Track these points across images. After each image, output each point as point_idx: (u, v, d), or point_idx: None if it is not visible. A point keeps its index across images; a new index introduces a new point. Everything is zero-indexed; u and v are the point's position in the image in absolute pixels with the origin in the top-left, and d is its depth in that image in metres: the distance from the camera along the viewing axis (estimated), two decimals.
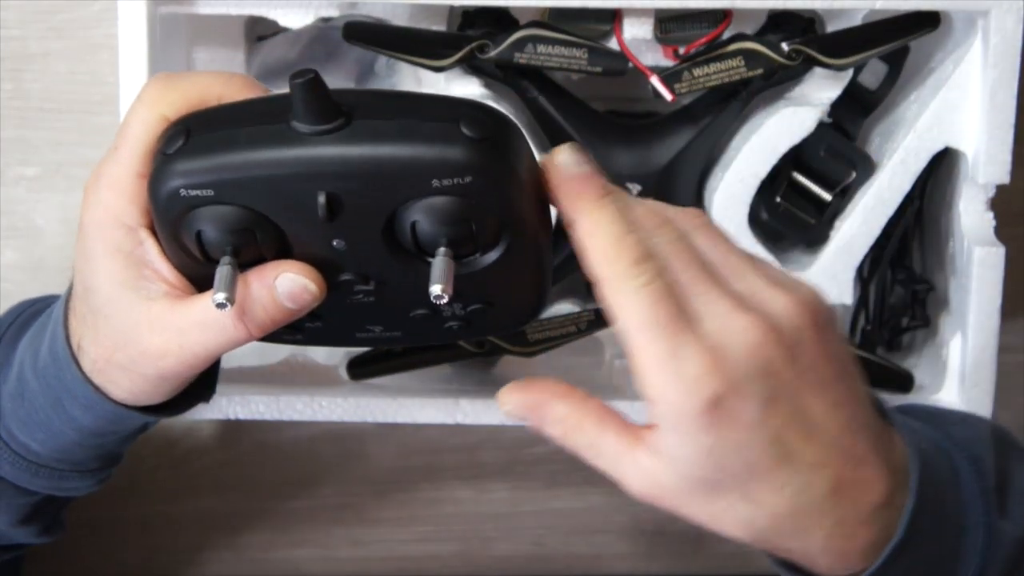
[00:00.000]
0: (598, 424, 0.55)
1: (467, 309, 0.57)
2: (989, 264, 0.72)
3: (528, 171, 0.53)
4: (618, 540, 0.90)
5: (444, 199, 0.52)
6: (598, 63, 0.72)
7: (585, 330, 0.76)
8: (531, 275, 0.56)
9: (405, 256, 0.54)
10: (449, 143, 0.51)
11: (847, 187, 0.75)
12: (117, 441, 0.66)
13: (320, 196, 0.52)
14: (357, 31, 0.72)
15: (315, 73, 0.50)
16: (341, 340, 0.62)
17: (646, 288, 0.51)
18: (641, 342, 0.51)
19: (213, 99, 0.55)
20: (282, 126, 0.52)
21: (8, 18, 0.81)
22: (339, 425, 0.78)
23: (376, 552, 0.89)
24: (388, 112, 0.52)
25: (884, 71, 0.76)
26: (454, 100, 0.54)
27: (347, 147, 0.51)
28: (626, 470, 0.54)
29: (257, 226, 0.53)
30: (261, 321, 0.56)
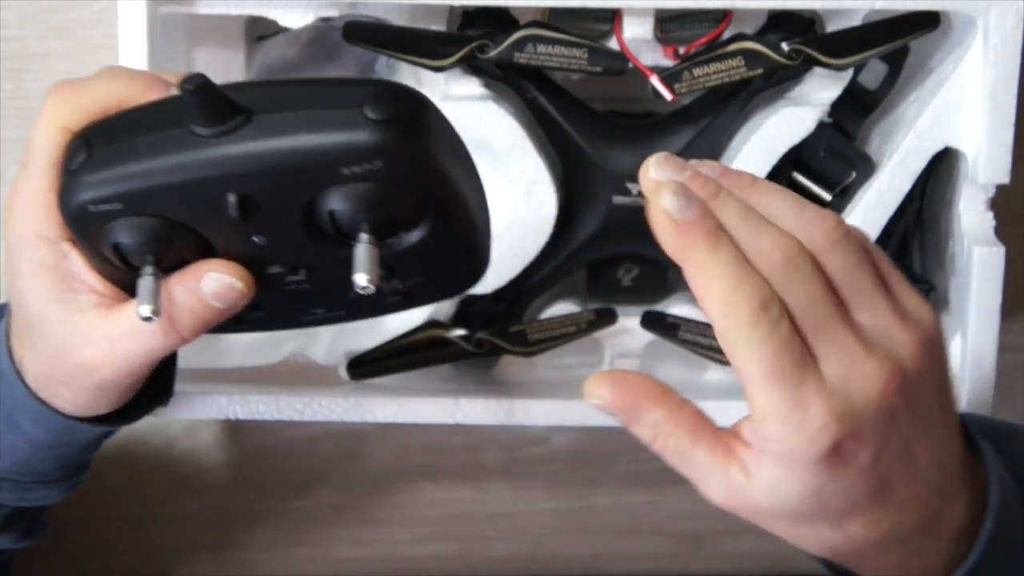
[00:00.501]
0: (692, 434, 0.54)
1: (406, 283, 0.56)
2: (989, 264, 0.72)
3: (443, 145, 0.52)
4: (618, 540, 0.90)
5: (358, 185, 0.51)
6: (598, 63, 0.72)
7: (585, 330, 0.76)
8: (465, 243, 0.56)
9: (330, 244, 0.53)
10: (353, 129, 0.50)
11: (847, 187, 0.75)
12: (76, 451, 0.65)
13: (230, 197, 0.51)
14: (357, 31, 0.72)
15: (204, 79, 0.50)
16: (286, 325, 0.62)
17: (768, 339, 0.49)
18: (762, 393, 0.50)
19: (113, 105, 0.54)
20: (182, 131, 0.51)
21: (8, 18, 0.80)
22: (339, 425, 0.78)
23: (376, 552, 0.89)
24: (289, 104, 0.51)
25: (884, 71, 0.76)
26: (357, 82, 0.53)
27: (249, 145, 0.50)
28: (713, 481, 0.54)
29: (173, 232, 0.53)
30: (191, 324, 0.56)
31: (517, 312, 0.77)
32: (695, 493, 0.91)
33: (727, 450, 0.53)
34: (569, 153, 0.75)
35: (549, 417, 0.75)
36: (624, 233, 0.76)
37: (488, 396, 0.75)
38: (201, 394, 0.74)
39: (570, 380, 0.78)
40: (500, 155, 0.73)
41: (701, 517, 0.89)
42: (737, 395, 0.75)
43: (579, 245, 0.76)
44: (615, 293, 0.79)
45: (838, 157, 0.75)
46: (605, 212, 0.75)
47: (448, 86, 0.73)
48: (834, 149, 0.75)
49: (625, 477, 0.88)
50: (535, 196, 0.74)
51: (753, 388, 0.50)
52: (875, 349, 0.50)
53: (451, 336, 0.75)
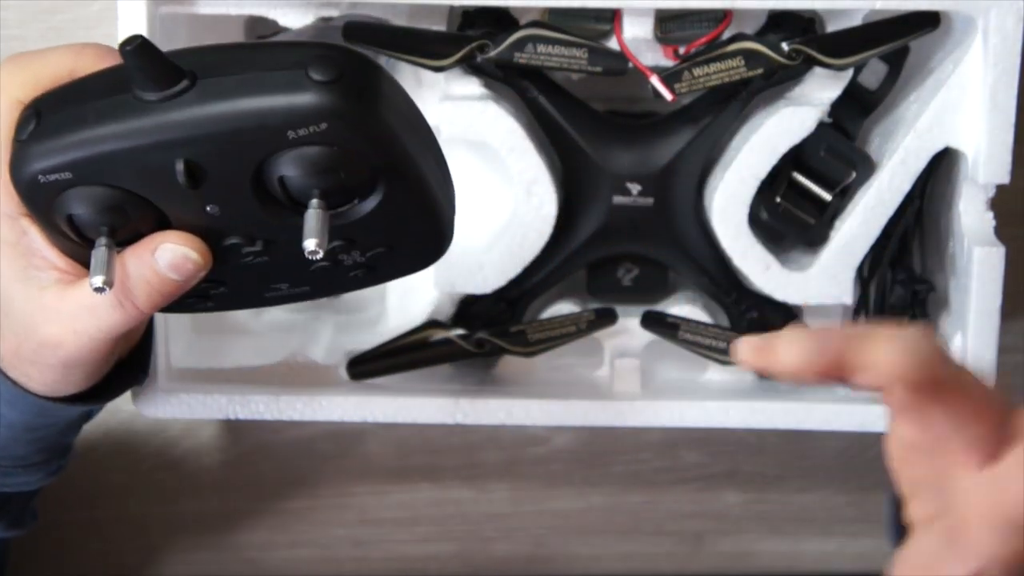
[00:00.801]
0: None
1: (367, 255, 0.56)
2: (989, 264, 0.72)
3: (393, 108, 0.51)
4: (618, 540, 0.90)
5: (307, 149, 0.50)
6: (598, 63, 0.71)
7: (585, 330, 0.76)
8: (424, 211, 0.55)
9: (284, 212, 0.52)
10: (297, 90, 0.49)
11: (847, 187, 0.75)
12: (56, 433, 0.65)
13: (178, 164, 0.50)
14: (357, 31, 0.72)
15: (142, 39, 0.49)
16: (251, 302, 0.61)
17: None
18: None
19: (65, 75, 0.54)
20: (127, 96, 0.50)
21: (8, 18, 0.80)
22: (339, 425, 0.78)
23: (376, 552, 0.89)
24: (233, 67, 0.50)
25: (884, 71, 0.76)
26: (303, 45, 0.52)
27: (193, 110, 0.50)
28: None
29: (126, 202, 0.52)
30: (148, 297, 0.55)
31: (517, 312, 0.77)
32: (695, 493, 0.92)
33: None
34: (569, 153, 0.75)
35: (549, 417, 0.75)
36: (624, 233, 0.76)
37: (488, 396, 0.75)
38: (201, 394, 0.74)
39: (570, 380, 0.78)
40: (500, 155, 0.73)
41: (701, 517, 0.89)
42: (737, 395, 0.76)
43: (579, 245, 0.76)
44: (615, 293, 0.79)
45: (838, 157, 0.75)
46: (605, 212, 0.75)
47: (448, 86, 0.73)
48: (834, 149, 0.75)
49: (625, 477, 0.88)
50: (535, 196, 0.74)
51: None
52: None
53: (451, 336, 0.75)
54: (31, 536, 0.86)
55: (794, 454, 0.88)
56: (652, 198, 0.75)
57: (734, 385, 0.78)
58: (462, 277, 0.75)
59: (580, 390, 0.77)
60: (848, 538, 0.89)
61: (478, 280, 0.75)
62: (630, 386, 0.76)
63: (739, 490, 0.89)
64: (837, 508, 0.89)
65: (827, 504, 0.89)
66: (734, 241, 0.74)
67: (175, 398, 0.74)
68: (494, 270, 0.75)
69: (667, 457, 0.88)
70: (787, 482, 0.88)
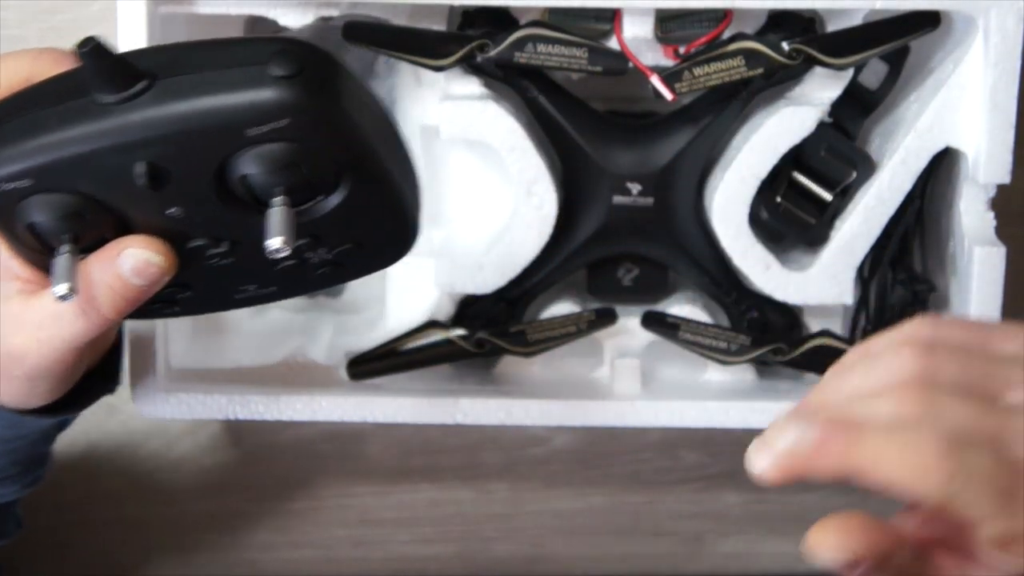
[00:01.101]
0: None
1: (334, 252, 0.55)
2: (989, 264, 0.72)
3: (354, 103, 0.51)
4: (618, 540, 0.90)
5: (268, 147, 0.50)
6: (598, 63, 0.71)
7: (585, 330, 0.76)
8: (389, 206, 0.54)
9: (247, 211, 0.52)
10: (257, 86, 0.49)
11: (847, 187, 0.75)
12: (28, 445, 0.64)
13: (138, 166, 0.50)
14: (357, 31, 0.72)
15: (96, 41, 0.48)
16: (219, 305, 0.60)
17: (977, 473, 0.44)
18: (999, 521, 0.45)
19: (22, 81, 0.53)
20: (85, 100, 0.50)
21: (8, 18, 0.80)
22: (339, 425, 0.78)
23: (376, 552, 0.89)
24: (192, 66, 0.50)
25: (884, 71, 0.76)
26: (262, 41, 0.52)
27: (152, 110, 0.49)
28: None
29: (88, 208, 0.51)
30: (113, 303, 0.54)
31: (517, 312, 0.77)
32: (695, 493, 0.92)
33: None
34: (569, 153, 0.75)
35: (549, 417, 0.75)
36: (624, 233, 0.76)
37: (488, 396, 0.75)
38: (201, 394, 0.74)
39: (570, 380, 0.78)
40: (500, 155, 0.73)
41: (701, 517, 0.89)
42: (737, 395, 0.76)
43: (579, 245, 0.76)
44: (615, 293, 0.79)
45: (838, 157, 0.75)
46: (605, 212, 0.75)
47: (448, 86, 0.73)
48: (834, 149, 0.75)
49: (625, 477, 0.88)
50: (535, 196, 0.74)
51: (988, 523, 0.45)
52: None
53: (451, 336, 0.75)
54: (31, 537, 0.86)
55: None
56: (652, 198, 0.75)
57: (734, 385, 0.78)
58: (462, 277, 0.75)
59: (580, 390, 0.77)
60: None
61: (478, 280, 0.75)
62: (630, 386, 0.76)
63: (739, 490, 0.89)
64: (837, 508, 0.88)
65: (827, 504, 0.89)
66: (734, 241, 0.74)
67: (175, 398, 0.74)
68: (494, 270, 0.75)
69: (667, 457, 0.88)
70: None
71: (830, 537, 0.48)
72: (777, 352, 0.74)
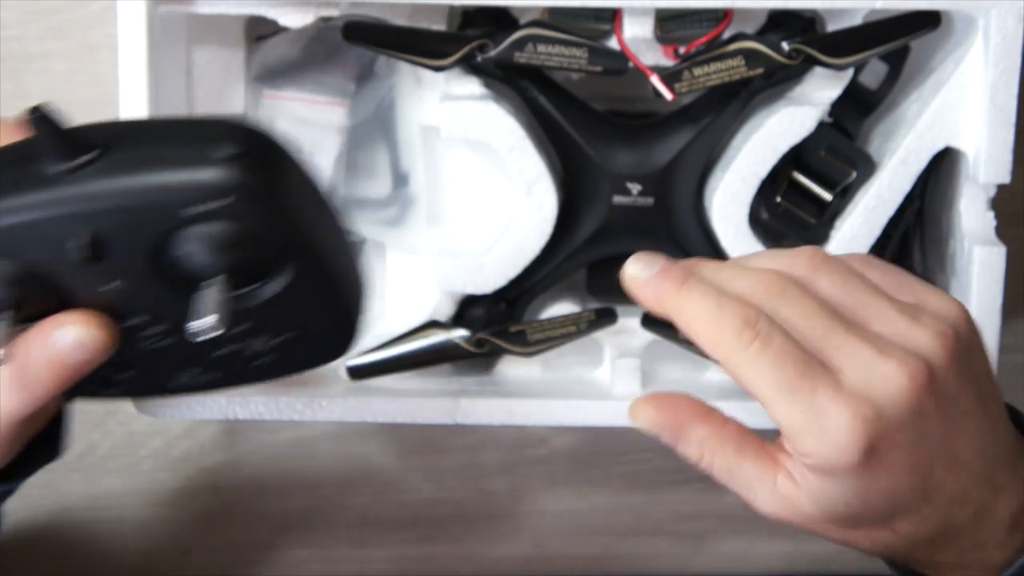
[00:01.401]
0: (737, 449, 0.54)
1: (273, 342, 0.54)
2: (989, 264, 0.72)
3: (295, 187, 0.50)
4: (618, 540, 0.90)
5: (207, 226, 0.49)
6: (598, 63, 0.71)
7: (585, 330, 0.76)
8: (336, 295, 0.54)
9: (187, 291, 0.51)
10: (199, 165, 0.48)
11: (848, 187, 0.75)
12: None
13: (76, 238, 0.49)
14: (357, 31, 0.72)
15: (43, 109, 0.48)
16: (160, 388, 0.58)
17: (763, 353, 0.50)
18: (779, 409, 0.50)
19: None
20: (32, 168, 0.49)
21: (7, 18, 0.80)
22: (339, 425, 0.78)
23: (376, 552, 0.89)
24: (140, 141, 0.50)
25: (884, 71, 0.76)
26: (208, 120, 0.51)
27: (94, 183, 0.49)
28: (761, 493, 0.53)
29: (30, 277, 0.51)
30: (48, 380, 0.53)
31: (517, 312, 0.77)
32: (695, 493, 0.91)
33: (773, 461, 0.53)
34: (569, 153, 0.75)
35: (549, 417, 0.75)
36: (624, 233, 0.76)
37: (488, 396, 0.75)
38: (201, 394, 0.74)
39: (570, 380, 0.78)
40: (500, 155, 0.73)
41: (701, 517, 0.89)
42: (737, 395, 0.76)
43: (579, 245, 0.76)
44: (615, 293, 0.79)
45: (839, 157, 0.75)
46: (605, 212, 0.75)
47: (448, 86, 0.73)
48: (835, 149, 0.75)
49: (625, 477, 0.88)
50: (535, 196, 0.74)
51: (771, 406, 0.51)
52: (891, 351, 0.50)
53: (451, 336, 0.75)
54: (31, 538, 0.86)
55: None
56: (652, 198, 0.75)
57: (734, 385, 0.77)
58: (462, 277, 0.75)
59: (580, 390, 0.77)
60: None
61: (478, 280, 0.75)
62: (630, 386, 0.76)
63: None
64: None
65: None
66: (734, 241, 0.74)
67: (175, 398, 0.74)
68: (494, 270, 0.75)
69: (667, 457, 0.88)
70: None
71: (637, 408, 0.55)
72: None
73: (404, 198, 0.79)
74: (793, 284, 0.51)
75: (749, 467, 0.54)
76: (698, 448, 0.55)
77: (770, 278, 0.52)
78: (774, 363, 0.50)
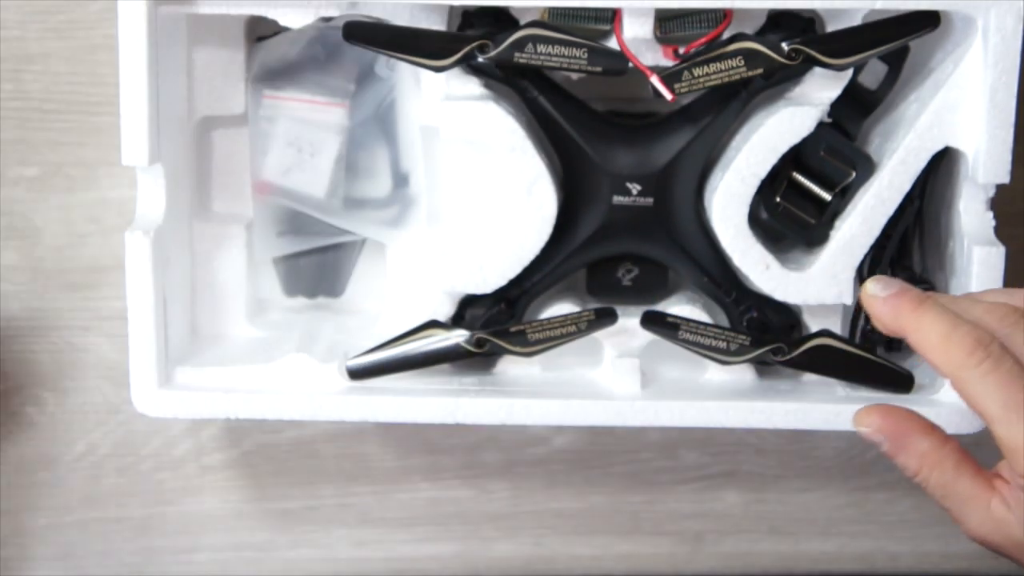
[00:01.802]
0: (956, 467, 0.56)
1: None
2: (989, 264, 0.72)
3: None
4: (618, 540, 0.90)
5: None
6: (598, 63, 0.71)
7: (585, 330, 0.76)
8: None
9: None
10: None
11: (847, 187, 0.75)
12: None
13: None
14: (357, 31, 0.72)
15: None
16: None
17: (992, 374, 0.52)
18: (1004, 428, 0.52)
19: None
20: None
21: (8, 18, 0.80)
22: (339, 425, 0.78)
23: (376, 552, 0.89)
24: None
25: (884, 71, 0.76)
26: None
27: None
28: (974, 514, 0.55)
29: None
30: None
31: (517, 312, 0.77)
32: (695, 493, 0.91)
33: (988, 485, 0.55)
34: (569, 153, 0.75)
35: (549, 417, 0.75)
36: (624, 233, 0.76)
37: (488, 396, 0.75)
38: (201, 394, 0.74)
39: (570, 380, 0.78)
40: (500, 155, 0.73)
41: (701, 517, 0.89)
42: (736, 395, 0.76)
43: (579, 245, 0.76)
44: (615, 293, 0.79)
45: (838, 157, 0.75)
46: (605, 212, 0.75)
47: (448, 86, 0.73)
48: (834, 149, 0.75)
49: (625, 477, 0.88)
50: (535, 196, 0.74)
51: (995, 425, 0.52)
52: None
53: (451, 336, 0.75)
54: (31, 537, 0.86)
55: (794, 454, 0.88)
56: (652, 198, 0.75)
57: (734, 385, 0.78)
58: (462, 277, 0.75)
59: (580, 390, 0.77)
60: (848, 538, 0.89)
61: (478, 280, 0.75)
62: (630, 386, 0.76)
63: (739, 490, 0.89)
64: (837, 508, 0.89)
65: (827, 504, 0.89)
66: (734, 241, 0.74)
67: (175, 398, 0.74)
68: (494, 270, 0.75)
69: (667, 457, 0.88)
70: (787, 482, 0.88)
71: (863, 415, 0.58)
72: (777, 352, 0.74)
73: (404, 198, 0.79)
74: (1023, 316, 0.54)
75: (965, 487, 0.55)
76: (918, 461, 0.56)
77: (1004, 309, 0.55)
78: (1002, 383, 0.52)
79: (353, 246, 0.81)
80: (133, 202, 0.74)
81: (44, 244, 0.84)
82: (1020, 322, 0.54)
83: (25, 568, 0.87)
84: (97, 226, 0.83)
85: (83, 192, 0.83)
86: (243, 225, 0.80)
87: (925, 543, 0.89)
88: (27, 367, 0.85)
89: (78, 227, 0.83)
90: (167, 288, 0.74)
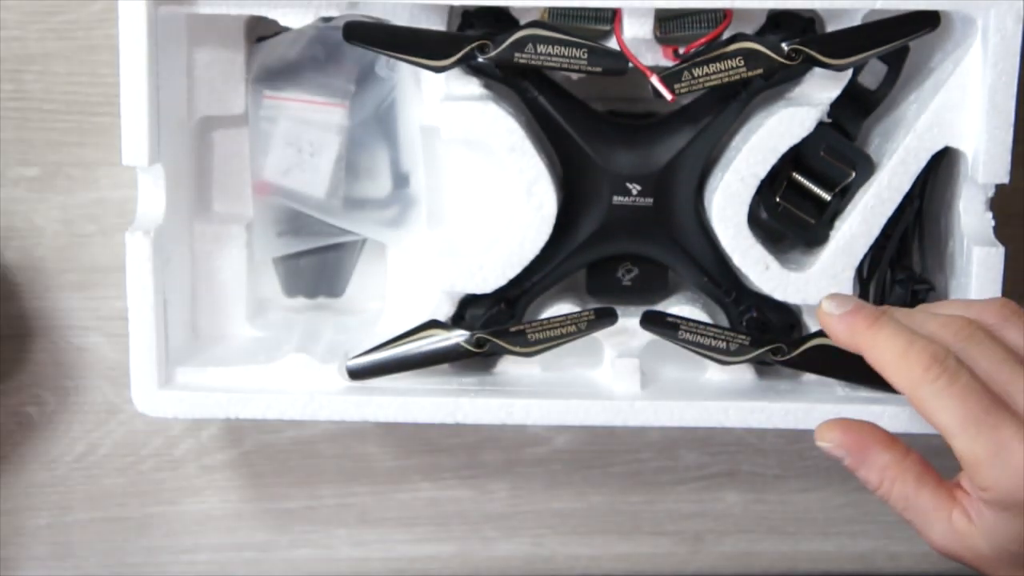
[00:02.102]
0: (917, 480, 0.56)
1: None
2: (989, 264, 0.72)
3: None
4: (618, 540, 0.90)
5: None
6: (598, 63, 0.72)
7: (585, 330, 0.76)
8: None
9: None
10: None
11: (847, 187, 0.75)
12: None
13: None
14: (357, 31, 0.72)
15: None
16: None
17: (948, 389, 0.52)
18: (962, 442, 0.52)
19: None
20: None
21: (8, 18, 0.80)
22: (339, 425, 0.78)
23: (376, 552, 0.89)
24: None
25: (884, 71, 0.76)
26: None
27: None
28: (934, 526, 0.55)
29: None
30: None
31: (517, 312, 0.77)
32: (695, 493, 0.91)
33: (950, 496, 0.55)
34: (569, 153, 0.75)
35: (549, 417, 0.75)
36: (624, 233, 0.76)
37: (488, 396, 0.75)
38: (201, 394, 0.74)
39: (570, 380, 0.78)
40: (500, 155, 0.73)
41: (701, 517, 0.89)
42: (736, 395, 0.76)
43: (579, 245, 0.76)
44: (615, 293, 0.79)
45: (838, 157, 0.75)
46: (605, 212, 0.75)
47: (448, 86, 0.73)
48: (834, 149, 0.75)
49: (625, 477, 0.88)
50: (535, 196, 0.74)
51: (954, 440, 0.52)
52: None
53: (451, 336, 0.75)
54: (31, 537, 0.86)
55: (794, 454, 0.88)
56: (652, 198, 0.75)
57: (734, 385, 0.78)
58: (462, 277, 0.75)
59: (580, 390, 0.77)
60: (848, 538, 0.89)
61: (478, 280, 0.75)
62: (630, 386, 0.76)
63: (739, 490, 0.89)
64: (837, 508, 0.89)
65: (827, 504, 0.89)
66: (734, 241, 0.74)
67: (175, 398, 0.74)
68: (494, 270, 0.75)
69: (667, 457, 0.88)
70: (787, 482, 0.88)
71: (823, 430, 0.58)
72: (776, 352, 0.74)
73: (404, 198, 0.79)
74: (982, 330, 0.54)
75: (926, 499, 0.55)
76: (879, 474, 0.56)
77: (960, 323, 0.54)
78: (959, 397, 0.52)
79: (353, 246, 0.81)
80: (133, 202, 0.74)
81: (44, 244, 0.84)
82: (975, 335, 0.54)
83: (25, 568, 0.87)
84: (97, 226, 0.83)
85: (83, 192, 0.83)
86: (243, 225, 0.80)
87: (925, 543, 0.89)
88: (27, 367, 0.85)
89: (78, 227, 0.83)
90: (167, 288, 0.74)
